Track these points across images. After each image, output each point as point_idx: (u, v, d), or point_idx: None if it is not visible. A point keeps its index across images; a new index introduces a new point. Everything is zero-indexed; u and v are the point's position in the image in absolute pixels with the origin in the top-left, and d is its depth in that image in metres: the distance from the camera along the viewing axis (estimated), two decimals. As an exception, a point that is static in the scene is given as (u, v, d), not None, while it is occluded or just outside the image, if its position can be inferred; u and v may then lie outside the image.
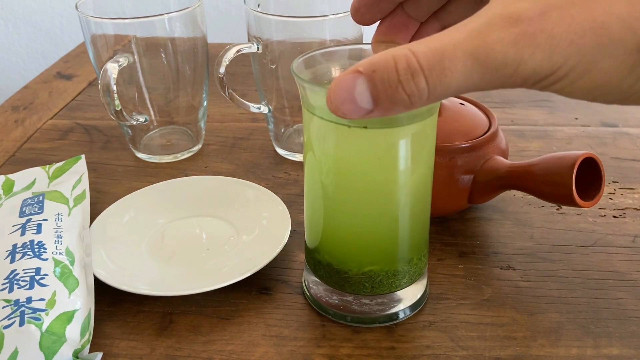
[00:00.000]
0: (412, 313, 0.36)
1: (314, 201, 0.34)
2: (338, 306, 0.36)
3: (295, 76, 0.30)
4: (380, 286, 0.34)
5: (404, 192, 0.32)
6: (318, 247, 0.35)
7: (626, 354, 0.34)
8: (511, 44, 0.20)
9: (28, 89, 0.72)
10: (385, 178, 0.31)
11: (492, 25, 0.20)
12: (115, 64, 0.45)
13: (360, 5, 0.31)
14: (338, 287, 0.35)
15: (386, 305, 0.35)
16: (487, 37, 0.20)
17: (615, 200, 0.47)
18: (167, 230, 0.44)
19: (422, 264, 0.36)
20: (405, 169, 0.31)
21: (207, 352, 0.34)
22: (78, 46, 0.86)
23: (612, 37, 0.20)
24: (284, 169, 0.53)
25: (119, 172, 0.53)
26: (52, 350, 0.31)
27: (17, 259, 0.36)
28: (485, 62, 0.20)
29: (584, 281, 0.39)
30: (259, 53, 0.48)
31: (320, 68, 0.33)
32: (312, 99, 0.30)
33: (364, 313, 0.35)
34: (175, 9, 0.48)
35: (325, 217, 0.34)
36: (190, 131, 0.55)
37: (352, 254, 0.34)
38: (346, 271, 0.34)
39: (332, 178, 0.32)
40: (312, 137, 0.32)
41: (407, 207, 0.33)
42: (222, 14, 1.05)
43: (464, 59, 0.20)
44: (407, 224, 0.33)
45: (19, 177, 0.48)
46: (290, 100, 0.51)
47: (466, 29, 0.21)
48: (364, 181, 0.31)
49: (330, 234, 0.34)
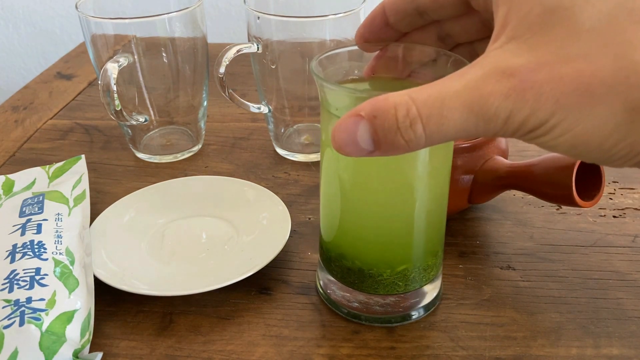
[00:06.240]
0: (434, 307, 0.36)
1: (337, 209, 0.34)
2: (359, 308, 0.35)
3: (314, 76, 0.29)
4: (413, 282, 0.34)
5: (429, 185, 0.32)
6: (345, 254, 0.34)
7: (626, 354, 0.34)
8: (503, 97, 0.21)
9: (28, 89, 0.72)
10: (410, 174, 0.31)
11: (488, 78, 0.21)
12: (115, 64, 0.45)
13: (365, 31, 0.32)
14: (372, 290, 0.34)
15: (420, 298, 0.35)
16: (482, 89, 0.21)
17: (615, 200, 0.47)
18: (167, 230, 0.44)
19: (442, 256, 0.36)
20: (428, 162, 0.31)
21: (207, 352, 0.34)
22: (78, 46, 0.86)
23: (595, 100, 0.21)
24: (284, 169, 0.53)
25: (119, 172, 0.53)
26: (52, 350, 0.31)
27: (17, 259, 0.36)
28: (480, 114, 0.21)
29: (584, 281, 0.39)
30: (259, 53, 0.48)
31: (339, 67, 0.32)
32: (331, 98, 0.30)
33: (387, 313, 0.35)
34: (175, 9, 0.48)
35: (351, 223, 0.33)
36: (190, 131, 0.55)
37: (385, 256, 0.33)
38: (380, 274, 0.34)
39: (357, 182, 0.32)
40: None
41: (434, 200, 0.32)
42: (222, 14, 1.05)
43: (461, 109, 0.21)
44: (435, 217, 0.33)
45: (19, 177, 0.48)
46: (290, 100, 0.51)
47: (465, 79, 0.22)
48: (388, 180, 0.31)
49: (359, 240, 0.34)
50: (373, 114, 0.22)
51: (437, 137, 0.22)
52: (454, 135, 0.22)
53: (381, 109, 0.22)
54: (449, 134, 0.22)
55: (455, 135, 0.22)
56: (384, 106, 0.22)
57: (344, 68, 0.33)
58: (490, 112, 0.21)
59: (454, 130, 0.22)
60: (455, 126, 0.22)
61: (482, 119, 0.22)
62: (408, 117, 0.22)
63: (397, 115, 0.22)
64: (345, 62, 0.33)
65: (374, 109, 0.22)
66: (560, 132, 0.22)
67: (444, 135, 0.22)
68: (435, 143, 0.23)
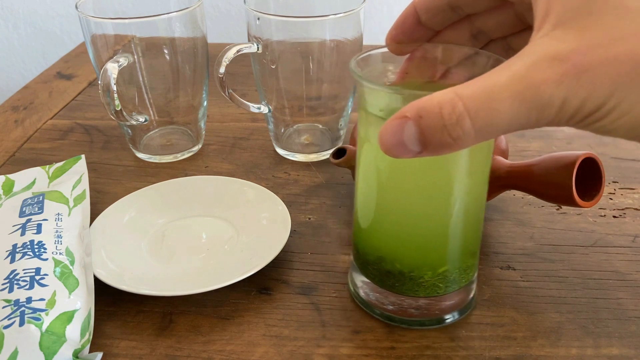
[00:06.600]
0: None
1: (376, 211, 0.33)
2: (393, 310, 0.35)
3: (354, 75, 0.29)
4: (453, 284, 0.34)
5: (471, 184, 0.31)
6: (384, 257, 0.34)
7: (626, 354, 0.34)
8: (556, 84, 0.21)
9: (28, 89, 0.72)
10: (453, 173, 0.31)
11: (537, 66, 0.21)
12: (115, 64, 0.45)
13: (397, 32, 0.31)
14: (412, 293, 0.34)
15: (455, 301, 0.35)
16: (532, 77, 0.21)
17: (615, 200, 0.47)
18: (167, 230, 0.44)
19: (478, 256, 0.36)
20: (470, 160, 0.30)
21: (207, 352, 0.34)
22: (78, 46, 0.86)
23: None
24: (284, 169, 0.53)
25: (119, 172, 0.53)
26: (52, 350, 0.31)
27: (17, 259, 0.36)
28: (532, 103, 0.21)
29: (584, 281, 0.39)
30: (259, 53, 0.48)
31: (372, 69, 0.32)
32: (371, 98, 0.30)
33: (422, 315, 0.35)
34: (175, 9, 0.48)
35: (392, 224, 0.33)
36: (190, 131, 0.55)
37: (427, 258, 0.33)
38: (421, 276, 0.33)
39: (398, 183, 0.31)
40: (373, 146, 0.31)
41: (475, 198, 0.32)
42: (222, 14, 1.05)
43: (510, 100, 0.21)
44: (475, 216, 0.33)
45: (19, 177, 0.48)
46: (290, 100, 0.51)
47: (511, 70, 0.21)
48: (431, 180, 0.31)
49: (400, 242, 0.33)
50: (418, 114, 0.22)
51: (487, 131, 0.22)
52: (505, 128, 0.22)
53: (426, 108, 0.22)
54: (499, 127, 0.22)
55: (506, 127, 0.22)
56: (429, 105, 0.22)
57: (377, 70, 0.32)
58: (544, 100, 0.21)
59: (505, 122, 0.21)
60: (506, 118, 0.21)
61: (535, 108, 0.21)
62: (454, 114, 0.21)
63: (442, 113, 0.22)
64: (379, 64, 0.32)
65: (419, 109, 0.22)
66: (618, 115, 0.21)
67: (495, 129, 0.22)
68: (486, 138, 0.22)
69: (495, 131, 0.22)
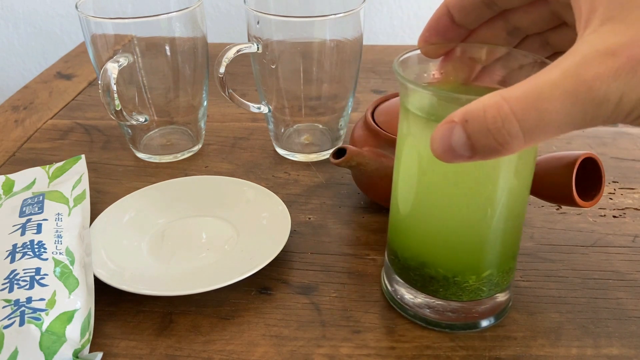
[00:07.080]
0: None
1: (419, 217, 0.33)
2: (428, 314, 0.35)
3: (397, 76, 0.29)
4: (496, 287, 0.34)
5: (516, 187, 0.31)
6: (427, 262, 0.34)
7: (626, 354, 0.34)
8: (612, 79, 0.20)
9: (28, 89, 0.72)
10: (498, 176, 0.30)
11: (588, 62, 0.20)
12: (115, 64, 0.45)
13: (430, 34, 0.31)
14: (455, 297, 0.34)
15: (491, 305, 0.35)
16: (585, 74, 0.20)
17: (615, 200, 0.47)
18: (167, 230, 0.44)
19: (517, 258, 0.36)
20: (515, 163, 0.30)
21: (207, 352, 0.34)
22: (78, 46, 0.86)
23: None
24: (284, 169, 0.53)
25: (119, 172, 0.53)
26: (52, 350, 0.31)
27: (17, 259, 0.36)
28: (586, 100, 0.20)
29: (584, 281, 0.39)
30: (259, 53, 0.48)
31: (410, 71, 0.32)
32: (415, 99, 0.30)
33: (459, 319, 0.35)
34: (175, 9, 0.48)
35: (437, 228, 0.32)
36: (190, 131, 0.55)
37: (472, 262, 0.33)
38: (466, 280, 0.33)
39: (443, 187, 0.31)
40: (417, 144, 0.30)
41: (519, 201, 0.32)
42: (222, 14, 1.05)
43: (562, 99, 0.20)
44: (518, 219, 0.33)
45: (19, 177, 0.48)
46: (290, 100, 0.51)
47: (561, 68, 0.21)
48: (476, 183, 0.30)
49: (444, 247, 0.33)
50: (464, 118, 0.22)
51: (538, 132, 0.21)
52: (557, 129, 0.21)
53: (472, 112, 0.22)
54: (551, 127, 0.21)
55: (558, 128, 0.21)
56: (474, 109, 0.22)
57: (414, 72, 0.32)
58: (599, 96, 0.20)
59: (556, 122, 0.21)
60: (557, 118, 0.20)
61: (590, 106, 0.20)
62: (499, 117, 0.21)
63: (486, 116, 0.21)
64: (415, 66, 0.32)
65: (465, 113, 0.22)
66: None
67: (545, 130, 0.21)
68: (537, 140, 0.21)
69: (547, 132, 0.21)
